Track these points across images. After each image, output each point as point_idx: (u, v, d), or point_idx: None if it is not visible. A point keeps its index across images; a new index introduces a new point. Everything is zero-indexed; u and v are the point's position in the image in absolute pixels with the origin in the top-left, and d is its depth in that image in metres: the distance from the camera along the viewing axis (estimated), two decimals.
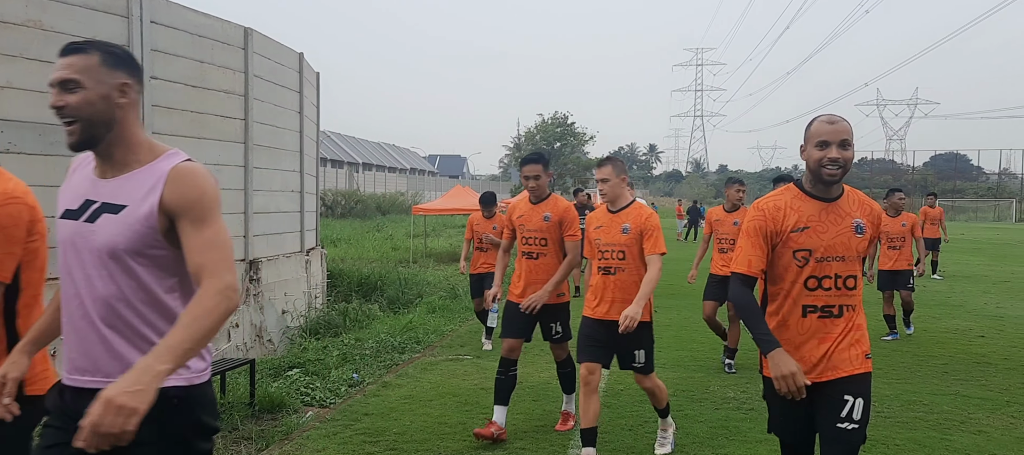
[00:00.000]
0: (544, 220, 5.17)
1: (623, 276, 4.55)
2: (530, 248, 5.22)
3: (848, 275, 2.95)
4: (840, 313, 2.96)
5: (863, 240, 2.97)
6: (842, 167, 2.91)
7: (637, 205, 4.68)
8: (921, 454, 4.87)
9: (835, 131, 2.89)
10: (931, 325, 10.01)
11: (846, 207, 3.00)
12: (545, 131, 59.76)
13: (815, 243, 2.94)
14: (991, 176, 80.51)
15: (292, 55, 10.37)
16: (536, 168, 5.21)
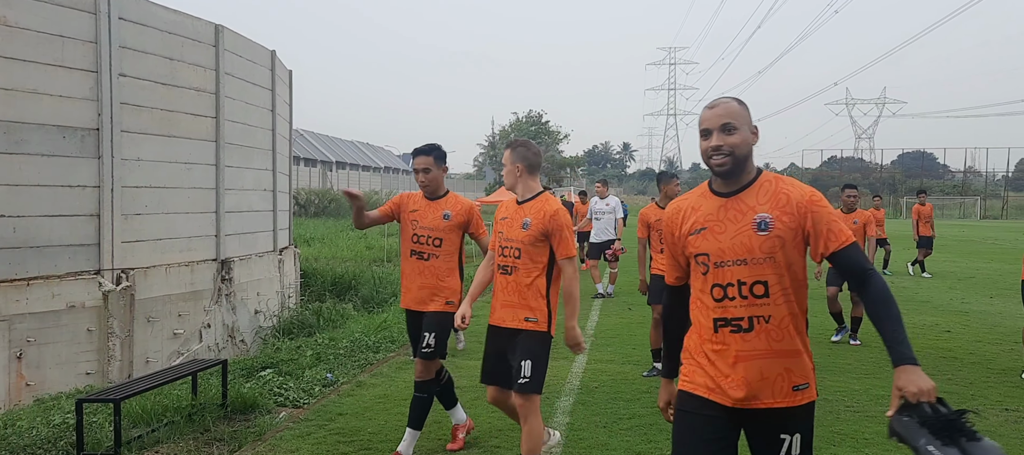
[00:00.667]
0: (443, 218, 4.71)
1: (518, 276, 4.02)
2: (421, 248, 4.70)
3: (755, 281, 2.52)
4: (750, 326, 2.52)
5: (769, 238, 2.51)
6: (729, 155, 2.56)
7: (544, 198, 4.13)
8: (889, 447, 4.95)
9: (714, 116, 2.59)
10: None
11: (750, 201, 2.58)
12: (519, 130, 59.84)
13: (712, 246, 2.59)
14: (957, 174, 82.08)
15: (264, 52, 10.27)
16: (426, 160, 4.68)
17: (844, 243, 2.51)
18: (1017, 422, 5.53)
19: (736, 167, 2.58)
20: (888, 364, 8.15)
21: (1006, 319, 10.29)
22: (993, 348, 8.30)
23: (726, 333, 2.55)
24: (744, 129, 2.59)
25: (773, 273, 2.52)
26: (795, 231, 2.53)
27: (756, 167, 2.67)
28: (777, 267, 2.52)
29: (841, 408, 5.89)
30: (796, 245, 2.54)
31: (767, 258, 2.51)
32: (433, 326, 4.59)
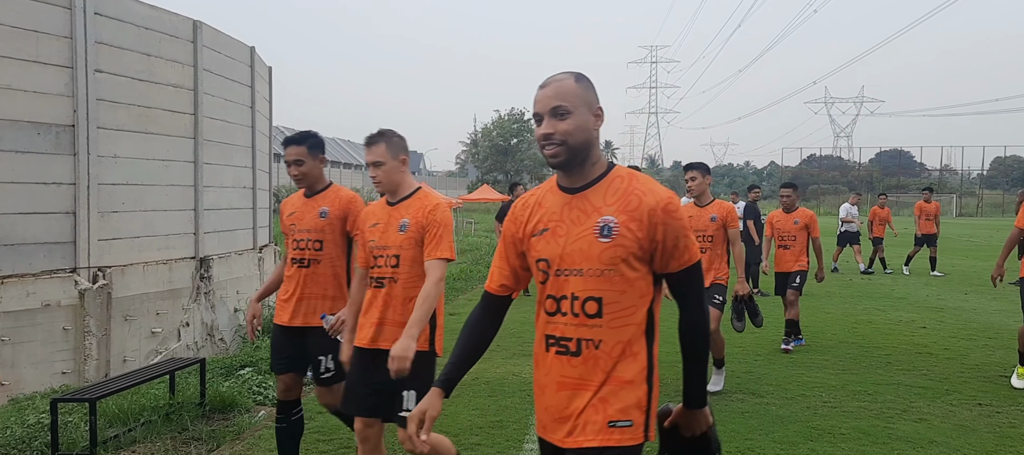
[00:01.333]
0: (320, 217, 4.04)
1: (396, 289, 3.46)
2: (302, 253, 4.04)
3: (588, 297, 2.11)
4: (577, 350, 2.13)
5: (611, 246, 2.09)
6: (561, 144, 2.12)
7: (422, 194, 3.63)
8: (865, 442, 5.02)
9: (544, 98, 2.15)
10: (876, 317, 10.30)
11: (596, 200, 2.16)
12: (502, 127, 59.86)
13: (552, 250, 2.18)
14: (933, 172, 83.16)
15: (243, 49, 10.19)
16: (297, 151, 4.04)
17: (689, 262, 2.15)
18: (991, 416, 5.62)
19: (572, 158, 2.15)
20: (866, 360, 8.23)
21: (980, 315, 10.45)
22: (967, 343, 8.42)
23: (552, 355, 2.19)
24: (581, 112, 2.13)
25: (610, 289, 2.10)
26: (642, 241, 2.11)
27: (607, 161, 2.24)
28: (614, 282, 2.10)
29: (818, 403, 5.95)
30: (641, 258, 2.12)
31: (606, 270, 2.10)
32: (328, 346, 3.93)
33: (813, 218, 8.28)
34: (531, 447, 4.92)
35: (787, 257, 8.25)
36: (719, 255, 6.19)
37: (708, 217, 6.21)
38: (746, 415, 5.62)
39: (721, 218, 6.18)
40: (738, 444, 4.94)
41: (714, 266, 6.17)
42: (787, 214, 8.36)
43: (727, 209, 6.22)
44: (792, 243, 8.21)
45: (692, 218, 6.19)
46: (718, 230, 6.18)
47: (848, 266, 17.26)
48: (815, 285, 14.11)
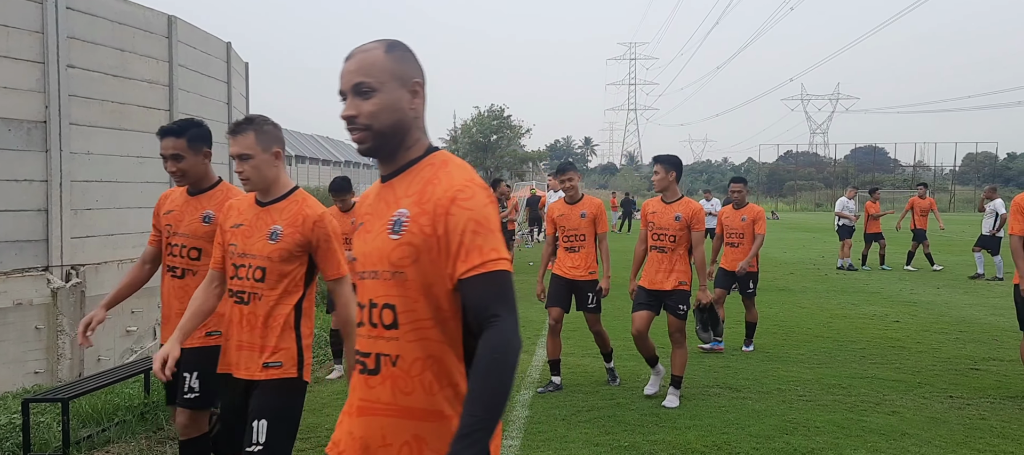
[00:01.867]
0: (203, 222, 3.50)
1: (258, 307, 2.97)
2: (175, 261, 3.52)
3: (384, 304, 1.80)
4: (376, 367, 1.82)
5: (399, 245, 1.78)
6: (366, 129, 1.83)
7: (300, 197, 3.08)
8: (839, 435, 5.09)
9: (346, 73, 1.85)
10: (851, 311, 10.44)
11: (400, 190, 1.85)
12: (481, 124, 59.73)
13: (358, 248, 1.92)
14: (907, 168, 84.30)
15: (219, 44, 10.10)
16: (173, 144, 3.47)
17: (479, 267, 1.71)
18: (961, 408, 5.72)
19: (381, 144, 1.85)
20: (841, 353, 8.32)
21: (952, 309, 10.62)
22: (939, 337, 8.56)
23: (356, 373, 1.90)
24: (390, 89, 1.83)
25: (401, 296, 1.79)
26: (430, 239, 1.77)
27: (428, 144, 1.91)
28: (407, 287, 1.78)
29: (794, 397, 6.02)
30: (436, 260, 1.77)
31: (396, 273, 1.79)
32: (194, 364, 3.35)
33: (761, 214, 7.94)
34: (510, 444, 4.93)
35: (735, 255, 7.90)
36: (681, 257, 5.81)
37: (672, 215, 5.80)
38: (723, 410, 5.67)
39: (686, 218, 5.74)
40: (715, 438, 4.99)
41: (676, 269, 5.77)
42: (736, 210, 7.99)
43: (694, 209, 5.77)
44: (740, 241, 7.87)
45: (655, 214, 5.88)
46: (682, 231, 5.76)
47: (854, 260, 16.72)
48: (791, 280, 14.30)
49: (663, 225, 5.83)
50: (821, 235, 29.34)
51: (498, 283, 1.71)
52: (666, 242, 5.81)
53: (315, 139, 77.42)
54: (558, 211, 6.24)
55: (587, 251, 6.16)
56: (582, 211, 6.17)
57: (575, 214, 6.19)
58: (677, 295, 5.77)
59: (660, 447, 4.83)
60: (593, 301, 6.17)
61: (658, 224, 5.87)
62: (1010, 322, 9.46)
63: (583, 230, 6.14)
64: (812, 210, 67.41)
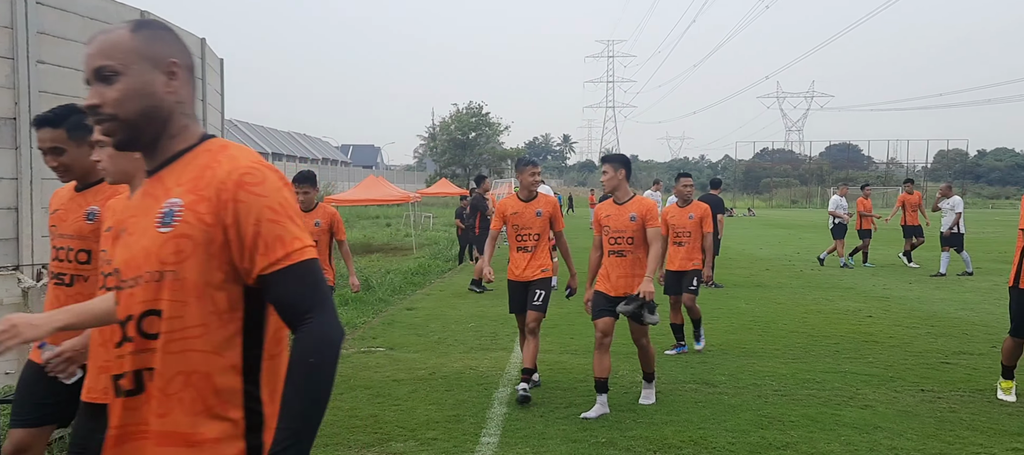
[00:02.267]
0: (86, 219, 3.01)
1: (86, 289, 2.83)
2: (63, 267, 3.05)
3: (147, 310, 1.57)
4: (136, 387, 1.59)
5: (171, 238, 1.55)
6: (112, 118, 1.60)
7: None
8: (813, 429, 5.15)
9: (87, 58, 1.63)
10: (825, 306, 10.57)
11: (169, 181, 1.61)
12: (460, 121, 59.67)
13: (120, 257, 1.67)
14: (880, 165, 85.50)
15: (193, 40, 9.96)
16: (50, 135, 3.05)
17: (284, 260, 1.52)
18: (932, 402, 5.82)
19: (134, 134, 1.62)
20: (815, 348, 8.40)
21: (924, 304, 10.79)
22: (911, 332, 8.69)
23: (112, 398, 1.65)
24: (137, 71, 1.60)
25: (169, 300, 1.53)
26: (211, 229, 1.53)
27: (201, 132, 1.69)
28: (177, 289, 1.53)
29: (769, 392, 6.08)
30: (218, 255, 1.54)
31: (166, 273, 1.54)
32: None
33: (708, 212, 7.57)
34: (488, 441, 4.95)
35: (680, 255, 7.45)
36: (641, 260, 5.50)
37: (627, 216, 5.53)
38: (700, 405, 5.72)
39: (641, 216, 5.51)
40: (691, 433, 5.03)
41: (637, 272, 5.50)
42: (682, 208, 7.57)
43: (648, 206, 5.53)
44: (687, 240, 7.43)
45: (609, 218, 5.60)
46: (639, 230, 5.50)
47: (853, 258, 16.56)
48: (767, 277, 14.44)
49: (619, 227, 5.56)
50: (797, 231, 29.67)
51: (307, 276, 1.53)
52: (624, 245, 5.53)
53: (292, 136, 76.94)
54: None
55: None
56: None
57: (530, 212, 6.08)
58: (643, 302, 5.45)
59: (637, 443, 4.86)
60: (539, 298, 5.96)
61: (614, 227, 5.58)
62: (979, 317, 9.64)
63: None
64: (788, 207, 68.12)
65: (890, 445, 4.81)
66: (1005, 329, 7.53)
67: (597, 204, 6.12)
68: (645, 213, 5.52)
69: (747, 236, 27.08)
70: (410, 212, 28.05)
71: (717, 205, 13.28)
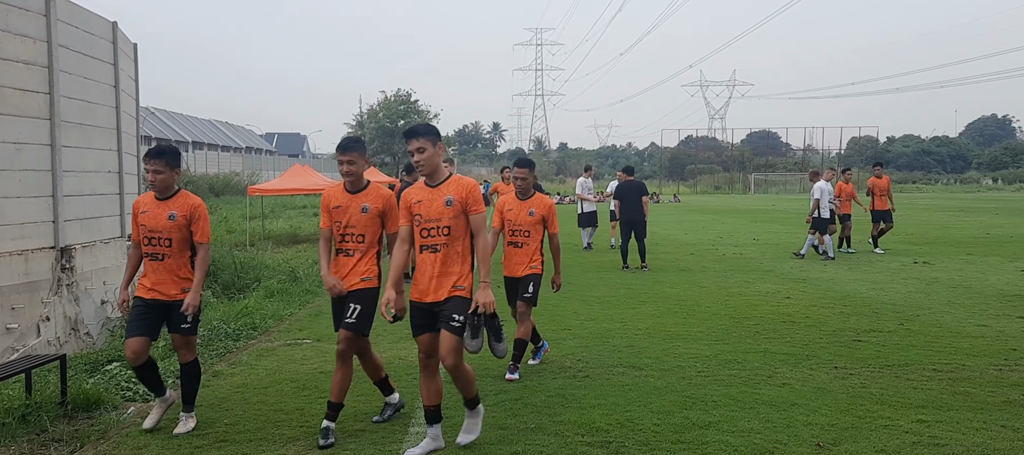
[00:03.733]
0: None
1: None
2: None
3: None
4: None
5: None
6: None
7: None
8: (734, 407, 5.33)
9: None
10: (746, 289, 10.92)
11: None
12: (388, 109, 58.93)
13: None
14: (797, 152, 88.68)
15: (104, 24, 9.54)
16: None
17: None
18: (845, 378, 6.08)
19: None
20: (737, 330, 8.65)
21: (837, 285, 11.27)
22: (825, 311, 9.07)
23: None
24: None
25: None
26: None
27: None
28: None
29: (693, 374, 6.25)
30: None
31: None
32: None
33: (552, 209, 6.37)
34: (417, 430, 4.93)
35: (519, 258, 6.30)
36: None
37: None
38: (626, 388, 5.83)
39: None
40: (618, 416, 5.13)
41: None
42: (522, 201, 6.36)
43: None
44: (526, 240, 6.30)
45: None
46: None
47: None
48: (691, 261, 14.82)
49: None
50: (720, 217, 30.53)
51: None
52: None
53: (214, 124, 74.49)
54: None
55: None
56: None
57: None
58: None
59: (566, 428, 4.93)
60: None
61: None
62: (889, 296, 10.14)
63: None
64: (711, 193, 70.00)
65: (805, 421, 5.01)
66: (913, 307, 7.96)
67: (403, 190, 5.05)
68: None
69: (672, 222, 27.71)
70: None
71: (641, 190, 13.67)
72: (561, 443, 4.65)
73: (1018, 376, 6.07)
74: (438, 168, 4.51)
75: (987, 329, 7.92)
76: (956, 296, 10.12)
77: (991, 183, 76.01)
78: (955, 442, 4.59)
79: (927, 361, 6.57)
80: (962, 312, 8.92)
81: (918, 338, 7.52)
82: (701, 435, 4.75)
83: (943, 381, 5.95)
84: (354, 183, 4.90)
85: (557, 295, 10.77)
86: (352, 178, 4.85)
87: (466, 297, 4.37)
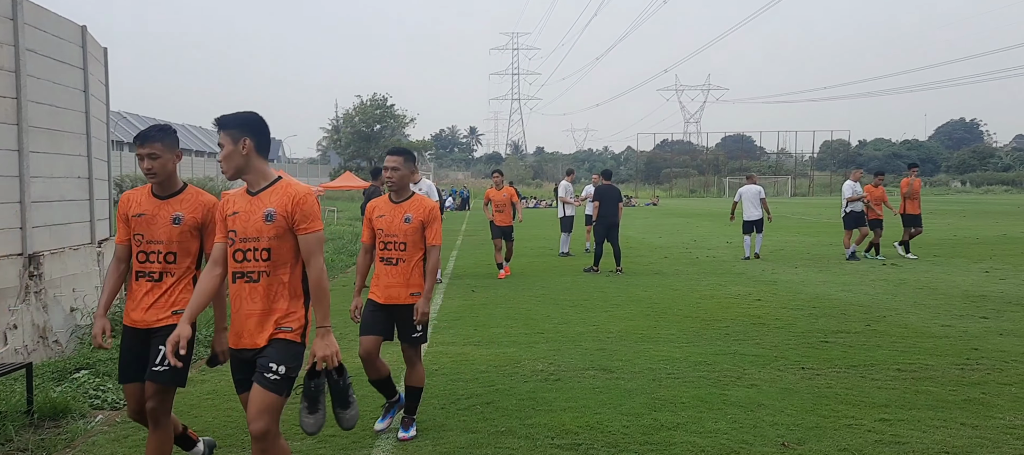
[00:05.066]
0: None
1: None
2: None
3: None
4: None
5: None
6: None
7: None
8: (702, 409, 5.40)
9: None
10: (718, 292, 11.04)
11: None
12: (364, 113, 58.75)
13: None
14: (771, 155, 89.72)
15: (73, 28, 9.45)
16: None
17: None
18: (811, 379, 6.19)
19: None
20: (707, 332, 8.74)
21: (807, 287, 11.44)
22: (795, 313, 9.21)
23: None
24: None
25: None
26: None
27: None
28: None
29: (663, 375, 6.32)
30: None
31: None
32: None
33: (433, 213, 4.84)
34: (386, 436, 4.93)
35: (393, 279, 4.80)
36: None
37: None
38: (597, 390, 5.89)
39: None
40: (588, 419, 5.18)
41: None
42: (395, 204, 4.86)
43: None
44: (402, 254, 4.78)
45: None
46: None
47: None
48: (665, 264, 14.96)
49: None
50: (695, 220, 30.80)
51: None
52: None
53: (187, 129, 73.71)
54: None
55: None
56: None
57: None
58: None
59: (536, 430, 4.97)
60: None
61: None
62: (857, 297, 10.31)
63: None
64: (686, 196, 70.59)
65: (772, 421, 5.10)
66: (880, 308, 8.10)
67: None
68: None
69: (647, 225, 27.92)
70: None
71: (618, 195, 13.81)
72: (531, 446, 4.69)
73: (978, 375, 6.22)
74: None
75: (951, 329, 8.10)
76: (922, 297, 10.32)
77: (960, 186, 77.49)
78: (916, 440, 4.70)
79: (892, 361, 6.71)
80: (927, 313, 9.10)
81: (884, 339, 7.66)
82: (669, 436, 4.82)
83: (907, 381, 6.08)
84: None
85: (530, 299, 10.91)
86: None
87: (294, 341, 3.37)
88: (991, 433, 4.82)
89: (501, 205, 13.50)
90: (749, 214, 15.56)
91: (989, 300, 10.01)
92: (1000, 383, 5.99)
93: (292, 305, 3.38)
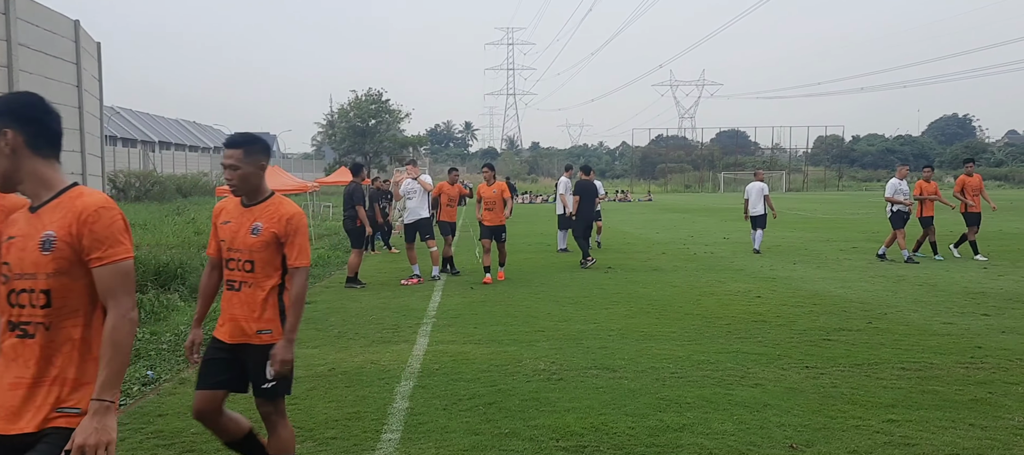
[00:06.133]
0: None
1: None
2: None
3: None
4: None
5: None
6: None
7: None
8: (708, 409, 5.34)
9: None
10: (718, 289, 10.99)
11: None
12: (359, 108, 58.51)
13: None
14: (766, 151, 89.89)
15: (65, 22, 9.32)
16: None
17: None
18: (816, 378, 6.13)
19: None
20: (709, 330, 8.70)
21: (807, 283, 11.39)
22: (796, 310, 9.15)
23: None
24: None
25: None
26: None
27: None
28: None
29: (667, 375, 6.26)
30: None
31: None
32: None
33: (295, 222, 3.63)
34: (389, 437, 4.86)
35: (241, 309, 3.67)
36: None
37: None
38: (600, 390, 5.82)
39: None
40: (592, 420, 5.11)
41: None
42: (244, 209, 3.70)
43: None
44: (248, 276, 3.65)
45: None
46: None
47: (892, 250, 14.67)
48: (663, 260, 14.90)
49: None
50: (691, 216, 30.77)
51: None
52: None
53: (181, 124, 73.44)
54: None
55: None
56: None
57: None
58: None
59: (541, 432, 4.90)
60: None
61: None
62: (857, 294, 10.27)
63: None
64: (682, 192, 70.59)
65: (778, 422, 5.04)
66: (880, 305, 8.06)
67: None
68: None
69: (644, 221, 27.87)
70: (308, 202, 27.30)
71: (595, 191, 14.22)
72: (536, 448, 4.61)
73: (984, 374, 6.17)
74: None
75: (953, 327, 8.06)
76: (922, 294, 10.28)
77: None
78: (925, 441, 4.64)
79: (896, 359, 6.66)
80: (928, 310, 9.06)
81: (886, 336, 7.61)
82: (675, 438, 4.75)
83: (912, 380, 6.03)
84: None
85: (529, 296, 10.87)
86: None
87: None
88: (1001, 434, 4.76)
89: (491, 202, 12.55)
90: (755, 210, 16.25)
91: (989, 297, 9.98)
92: (1006, 382, 5.94)
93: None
